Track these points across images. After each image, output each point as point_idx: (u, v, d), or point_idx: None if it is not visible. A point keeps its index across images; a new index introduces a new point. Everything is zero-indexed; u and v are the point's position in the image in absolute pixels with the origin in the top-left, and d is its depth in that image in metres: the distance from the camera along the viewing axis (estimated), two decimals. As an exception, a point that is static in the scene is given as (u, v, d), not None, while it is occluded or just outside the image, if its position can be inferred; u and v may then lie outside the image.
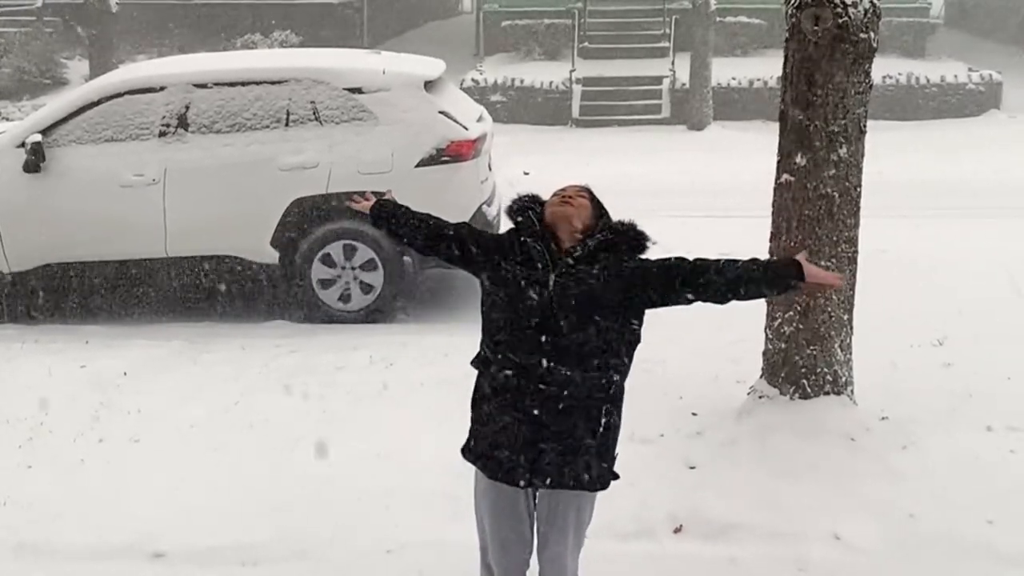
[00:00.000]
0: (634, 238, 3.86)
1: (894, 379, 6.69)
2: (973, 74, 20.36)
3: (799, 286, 3.70)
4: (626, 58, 21.74)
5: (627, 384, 3.85)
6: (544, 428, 3.72)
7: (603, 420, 3.77)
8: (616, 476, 3.85)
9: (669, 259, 3.82)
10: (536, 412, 3.71)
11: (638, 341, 3.84)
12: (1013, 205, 12.08)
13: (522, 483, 3.77)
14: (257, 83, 8.77)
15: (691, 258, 3.82)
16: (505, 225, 4.14)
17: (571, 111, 20.04)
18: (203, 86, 8.77)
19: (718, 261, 3.80)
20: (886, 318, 7.45)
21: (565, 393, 3.71)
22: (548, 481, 3.75)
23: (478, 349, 3.96)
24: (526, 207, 4.00)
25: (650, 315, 3.76)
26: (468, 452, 3.96)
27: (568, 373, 3.70)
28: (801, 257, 3.77)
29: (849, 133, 5.92)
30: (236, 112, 8.70)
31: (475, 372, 3.97)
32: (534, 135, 18.30)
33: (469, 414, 3.97)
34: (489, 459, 3.82)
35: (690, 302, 3.79)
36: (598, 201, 3.99)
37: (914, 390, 6.58)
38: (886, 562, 4.81)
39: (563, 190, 3.98)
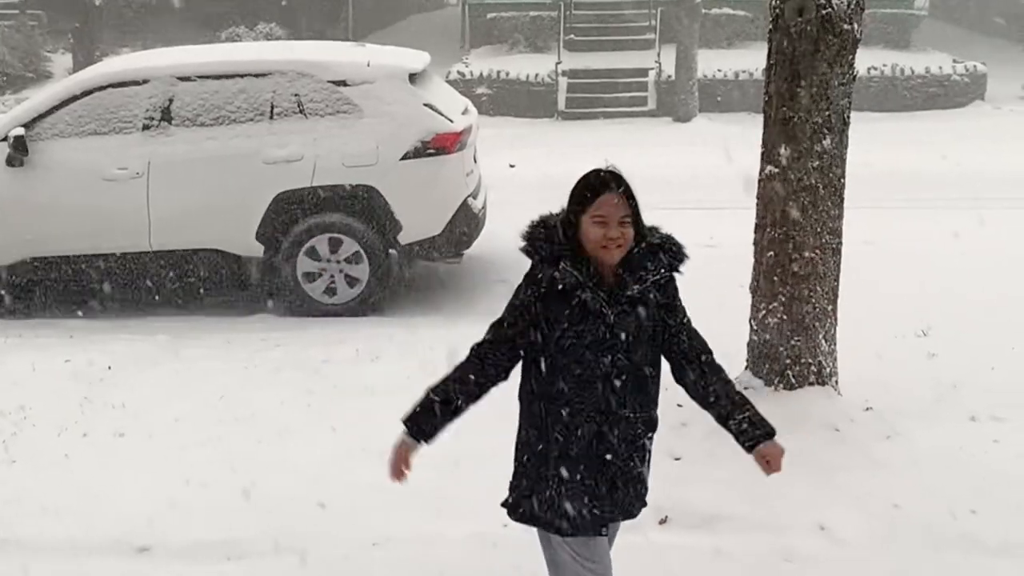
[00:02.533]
0: (674, 254, 3.52)
1: (878, 370, 6.71)
2: (958, 65, 20.41)
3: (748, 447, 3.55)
4: (612, 50, 21.74)
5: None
6: (617, 469, 3.52)
7: (649, 446, 3.66)
8: None
9: (698, 335, 3.63)
10: (609, 456, 3.49)
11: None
12: (998, 196, 12.13)
13: (605, 531, 3.58)
14: (241, 76, 8.74)
15: (712, 355, 3.63)
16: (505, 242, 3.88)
17: (557, 103, 20.03)
18: (187, 79, 8.73)
19: (724, 375, 3.64)
20: (870, 309, 7.48)
21: (637, 431, 3.55)
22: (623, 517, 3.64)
23: (529, 406, 3.67)
24: (556, 255, 3.47)
25: None
26: (526, 513, 3.61)
27: (635, 411, 3.53)
28: (779, 443, 3.60)
29: (833, 124, 5.93)
30: (220, 105, 8.66)
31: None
32: (519, 128, 18.30)
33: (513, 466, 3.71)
34: (563, 516, 3.52)
35: (672, 372, 3.63)
36: (635, 203, 3.47)
37: (898, 381, 6.61)
38: (870, 552, 4.82)
39: (603, 218, 3.40)
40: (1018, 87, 20.66)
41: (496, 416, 6.31)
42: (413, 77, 8.85)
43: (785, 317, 6.13)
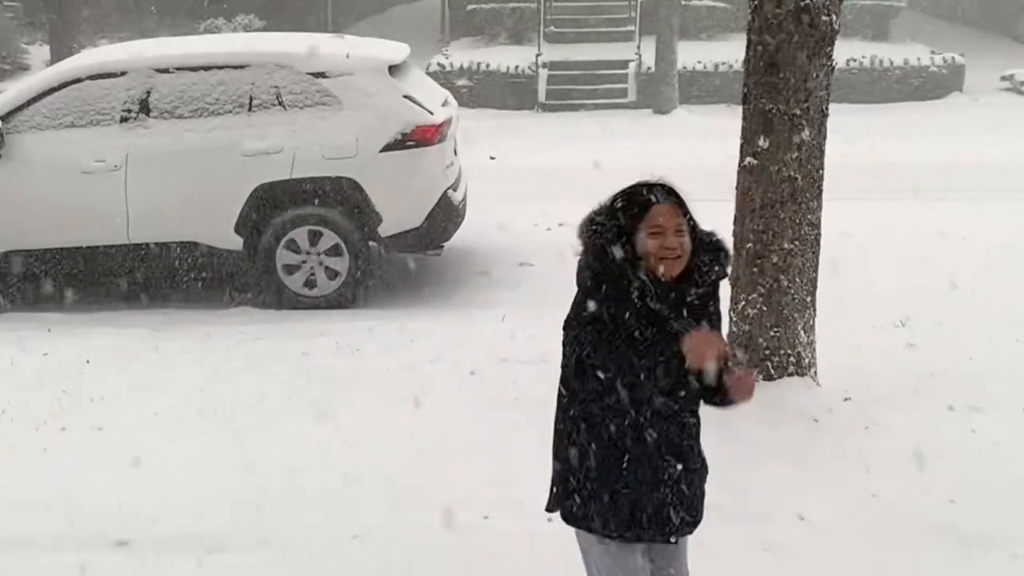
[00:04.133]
0: (722, 257, 3.38)
1: (857, 360, 6.73)
2: (936, 57, 20.49)
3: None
4: (592, 42, 21.73)
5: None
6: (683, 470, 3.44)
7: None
8: None
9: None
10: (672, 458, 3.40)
11: None
12: (976, 187, 12.21)
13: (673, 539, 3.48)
14: (219, 68, 8.69)
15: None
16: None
17: (537, 95, 20.02)
18: (165, 71, 8.69)
19: None
20: (849, 300, 7.51)
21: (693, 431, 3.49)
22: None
23: (580, 403, 3.44)
24: (618, 269, 3.25)
25: None
26: (588, 519, 3.42)
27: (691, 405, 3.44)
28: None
29: (811, 116, 5.95)
30: (198, 97, 8.62)
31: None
32: (500, 119, 18.29)
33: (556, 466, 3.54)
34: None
35: None
36: (687, 208, 3.34)
37: (877, 371, 6.64)
38: (850, 542, 4.84)
39: (659, 229, 3.24)
40: (996, 78, 20.76)
41: (476, 410, 6.34)
42: (393, 69, 8.82)
43: (764, 308, 6.15)
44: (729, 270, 3.43)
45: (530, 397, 6.40)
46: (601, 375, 3.30)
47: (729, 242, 3.50)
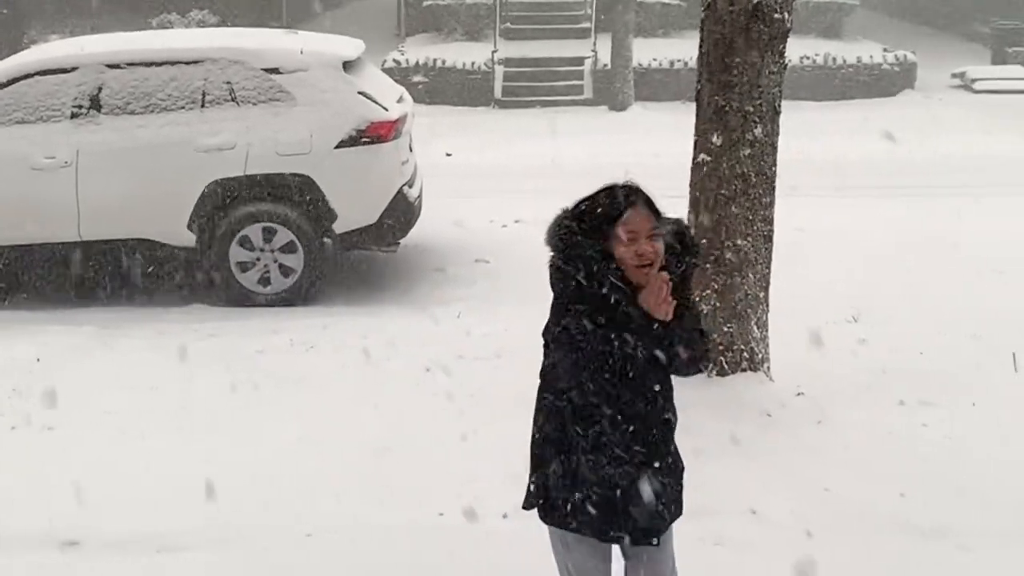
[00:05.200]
0: (689, 244, 3.39)
1: (810, 356, 6.78)
2: (888, 54, 20.66)
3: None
4: (548, 39, 21.73)
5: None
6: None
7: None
8: None
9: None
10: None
11: None
12: (927, 183, 12.34)
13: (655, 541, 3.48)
14: (172, 63, 8.63)
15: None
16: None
17: (493, 92, 20.00)
18: (116, 66, 8.61)
19: None
20: (802, 295, 7.56)
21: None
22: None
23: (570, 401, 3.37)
24: (601, 275, 3.23)
25: None
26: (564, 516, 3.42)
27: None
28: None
29: (764, 113, 5.99)
30: (151, 93, 8.55)
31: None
32: (456, 116, 18.26)
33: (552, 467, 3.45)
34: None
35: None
36: (658, 210, 3.33)
37: (829, 366, 6.69)
38: (802, 536, 4.86)
39: (633, 235, 3.24)
40: (947, 76, 20.98)
41: (432, 408, 6.32)
42: (347, 65, 8.79)
43: (718, 304, 6.18)
44: (699, 257, 3.44)
45: (487, 394, 6.40)
46: (575, 376, 3.30)
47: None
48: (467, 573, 4.65)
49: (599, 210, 3.28)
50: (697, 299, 3.53)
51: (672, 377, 3.43)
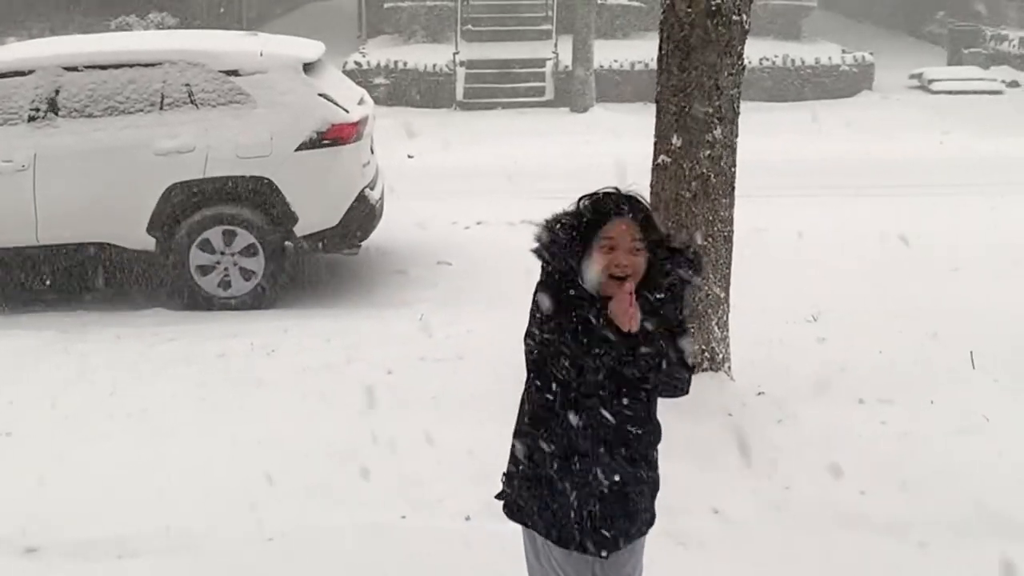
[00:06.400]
0: (682, 263, 3.29)
1: (770, 355, 6.83)
2: (847, 56, 20.84)
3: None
4: (509, 41, 21.75)
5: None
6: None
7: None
8: None
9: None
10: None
11: None
12: (885, 184, 12.46)
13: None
14: (130, 66, 8.56)
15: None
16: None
17: (455, 94, 19.99)
18: (74, 69, 8.53)
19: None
20: (762, 295, 7.61)
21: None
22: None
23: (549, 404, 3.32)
24: (570, 277, 3.21)
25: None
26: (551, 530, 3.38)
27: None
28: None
29: (723, 114, 6.02)
30: (109, 96, 8.48)
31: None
32: (418, 118, 18.21)
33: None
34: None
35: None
36: (650, 218, 3.27)
37: (789, 365, 6.74)
38: (763, 534, 4.90)
39: (612, 244, 3.18)
40: (904, 77, 21.18)
41: (393, 410, 6.31)
42: (308, 67, 8.76)
43: (679, 304, 6.20)
44: (694, 278, 3.31)
45: (449, 396, 6.40)
46: (550, 381, 3.26)
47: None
48: (430, 575, 4.65)
49: (588, 213, 3.23)
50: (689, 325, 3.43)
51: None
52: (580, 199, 3.29)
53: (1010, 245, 9.45)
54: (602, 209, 3.21)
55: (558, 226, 3.25)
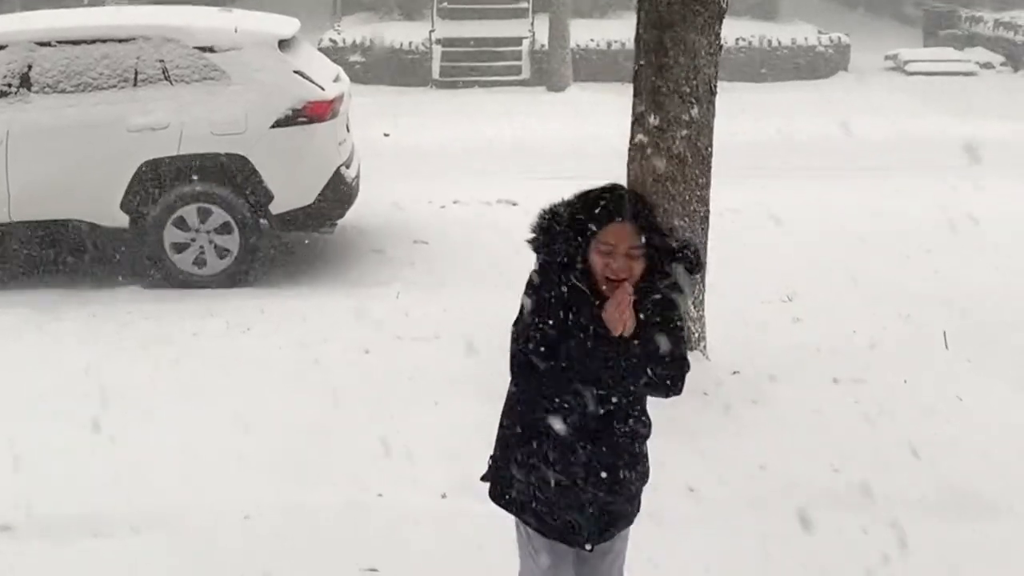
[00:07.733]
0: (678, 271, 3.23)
1: (746, 335, 6.87)
2: (823, 37, 20.86)
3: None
4: (485, 19, 21.65)
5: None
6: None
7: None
8: None
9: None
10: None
11: None
12: (860, 165, 12.50)
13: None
14: (104, 41, 8.47)
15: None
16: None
17: (431, 72, 19.91)
18: (47, 44, 8.43)
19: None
20: (738, 275, 7.65)
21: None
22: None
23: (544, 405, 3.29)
24: (565, 281, 3.19)
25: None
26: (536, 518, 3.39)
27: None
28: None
29: (700, 94, 6.03)
30: (82, 71, 8.39)
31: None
32: (394, 96, 18.16)
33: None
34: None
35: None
36: (652, 221, 3.23)
37: (765, 345, 6.78)
38: (738, 512, 4.94)
39: (609, 248, 3.14)
40: (880, 58, 21.23)
41: (370, 389, 6.31)
42: (283, 43, 8.70)
43: (655, 284, 6.21)
44: (686, 286, 3.27)
45: (425, 375, 6.41)
46: (536, 371, 3.22)
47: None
48: (406, 552, 4.66)
49: (585, 213, 3.18)
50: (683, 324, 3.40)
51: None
52: (580, 194, 3.25)
53: (985, 223, 9.47)
54: (600, 214, 3.16)
55: (555, 219, 3.23)
